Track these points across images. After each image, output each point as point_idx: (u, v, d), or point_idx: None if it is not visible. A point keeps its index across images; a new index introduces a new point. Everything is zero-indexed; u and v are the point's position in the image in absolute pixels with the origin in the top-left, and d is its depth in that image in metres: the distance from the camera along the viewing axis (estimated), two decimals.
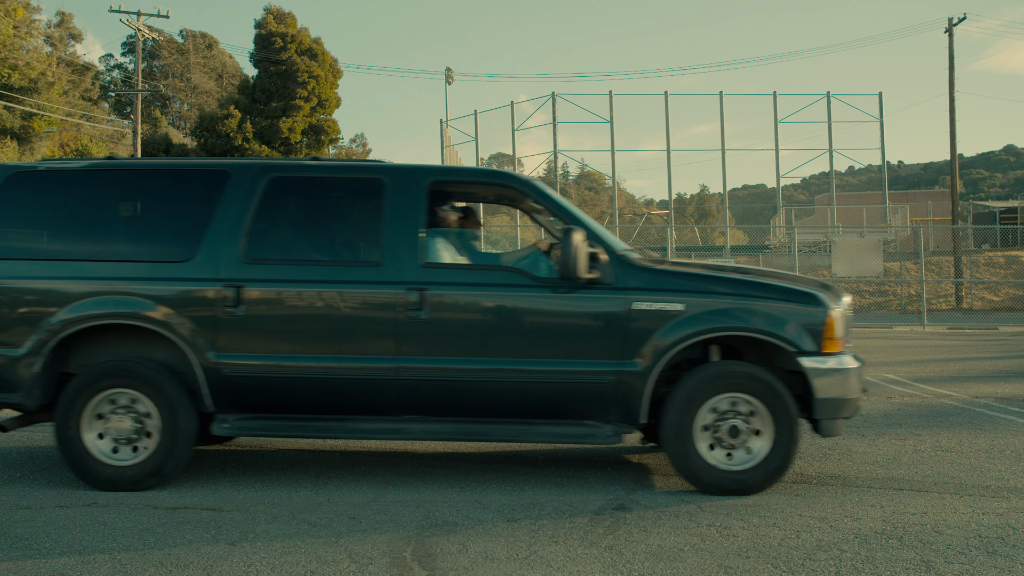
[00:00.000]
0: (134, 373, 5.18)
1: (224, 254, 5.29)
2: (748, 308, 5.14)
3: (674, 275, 5.31)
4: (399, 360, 5.18)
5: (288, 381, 5.25)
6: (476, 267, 5.76)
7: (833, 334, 5.14)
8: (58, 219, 5.56)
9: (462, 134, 42.46)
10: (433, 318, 5.17)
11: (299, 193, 5.57)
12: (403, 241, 5.28)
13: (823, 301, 5.20)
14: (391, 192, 5.39)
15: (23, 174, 5.58)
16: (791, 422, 5.05)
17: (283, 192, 5.48)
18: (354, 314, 5.25)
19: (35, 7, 41.15)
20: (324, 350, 5.24)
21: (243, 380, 5.25)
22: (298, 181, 5.56)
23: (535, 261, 5.54)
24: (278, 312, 5.28)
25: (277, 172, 5.51)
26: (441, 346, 5.19)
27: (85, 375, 5.20)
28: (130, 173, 5.72)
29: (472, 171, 7.04)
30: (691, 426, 5.09)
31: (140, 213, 5.63)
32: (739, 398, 5.11)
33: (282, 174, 5.51)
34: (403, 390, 5.21)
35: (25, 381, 5.24)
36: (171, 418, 5.17)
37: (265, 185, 5.43)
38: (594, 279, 5.13)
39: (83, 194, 5.58)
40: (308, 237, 5.61)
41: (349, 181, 5.66)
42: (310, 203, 5.62)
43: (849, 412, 5.21)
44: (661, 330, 5.10)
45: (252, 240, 5.34)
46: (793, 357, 5.11)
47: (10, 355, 5.26)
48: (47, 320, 5.24)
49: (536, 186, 5.62)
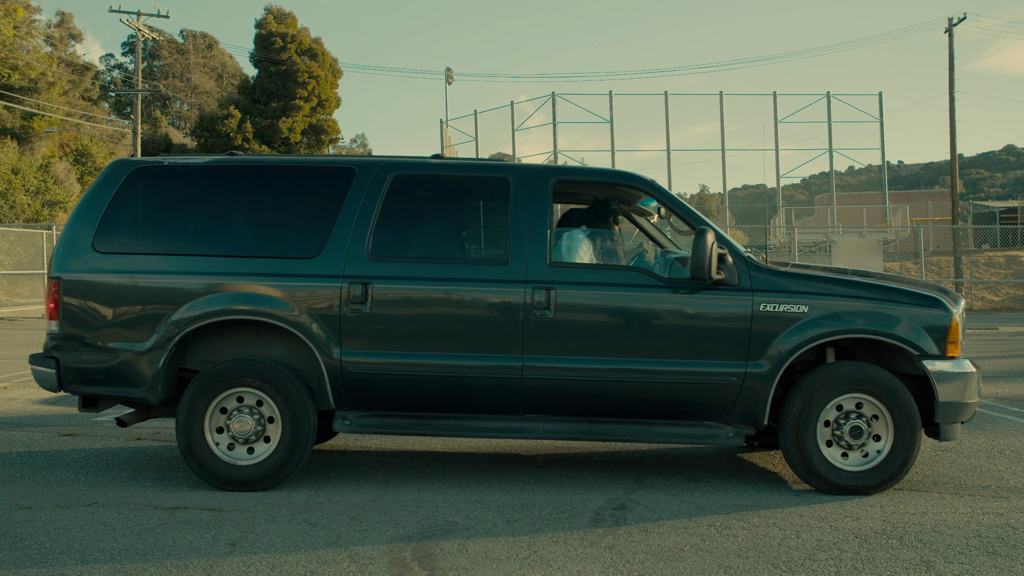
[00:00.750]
0: (263, 374, 5.16)
1: (351, 251, 5.29)
2: (872, 311, 5.16)
3: (797, 277, 5.31)
4: (524, 359, 5.19)
5: (412, 379, 5.25)
6: (602, 267, 5.75)
7: (956, 338, 5.17)
8: (181, 215, 5.54)
9: (462, 134, 42.52)
10: (559, 318, 5.18)
11: (424, 191, 5.60)
12: (530, 240, 5.29)
13: (945, 305, 5.22)
14: (516, 191, 5.41)
15: (146, 170, 5.57)
16: (913, 428, 5.08)
17: (408, 190, 5.50)
18: (480, 313, 5.24)
19: (35, 7, 41.17)
20: (449, 348, 5.23)
21: (368, 378, 5.25)
22: (423, 179, 5.58)
23: (660, 261, 5.59)
24: (404, 310, 5.27)
25: (402, 170, 5.51)
26: (566, 346, 5.19)
27: (212, 371, 5.19)
28: (253, 169, 5.69)
29: (595, 171, 6.98)
30: (815, 421, 5.13)
31: (264, 209, 5.57)
32: (864, 399, 5.14)
33: (407, 172, 5.52)
34: (526, 389, 5.22)
35: (148, 376, 5.24)
36: (295, 419, 5.17)
37: (391, 182, 5.44)
38: (719, 280, 5.15)
39: (206, 190, 5.56)
40: (433, 235, 5.63)
41: (474, 180, 5.69)
42: (435, 201, 5.66)
43: (968, 416, 5.23)
44: (786, 332, 5.12)
45: (378, 237, 5.34)
46: (916, 360, 5.14)
47: (135, 350, 5.26)
48: (171, 315, 5.23)
49: (661, 187, 5.63)
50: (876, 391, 5.10)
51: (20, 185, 32.50)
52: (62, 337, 5.33)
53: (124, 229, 5.44)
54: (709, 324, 5.18)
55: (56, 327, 5.34)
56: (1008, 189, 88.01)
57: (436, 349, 5.23)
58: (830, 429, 5.17)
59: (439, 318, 5.26)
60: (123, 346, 5.27)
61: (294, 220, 5.50)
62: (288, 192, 5.57)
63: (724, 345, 5.15)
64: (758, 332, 5.12)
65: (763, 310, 5.14)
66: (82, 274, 5.34)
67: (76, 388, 5.37)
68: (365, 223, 5.34)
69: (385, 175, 5.46)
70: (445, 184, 5.65)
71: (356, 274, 5.24)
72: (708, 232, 5.05)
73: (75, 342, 5.31)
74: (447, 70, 42.05)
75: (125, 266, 5.34)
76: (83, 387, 5.37)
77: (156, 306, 5.28)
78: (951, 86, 31.68)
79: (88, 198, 5.50)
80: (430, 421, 5.35)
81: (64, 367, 5.33)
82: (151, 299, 5.30)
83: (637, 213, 6.48)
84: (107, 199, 5.45)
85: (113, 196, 5.45)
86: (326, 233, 5.33)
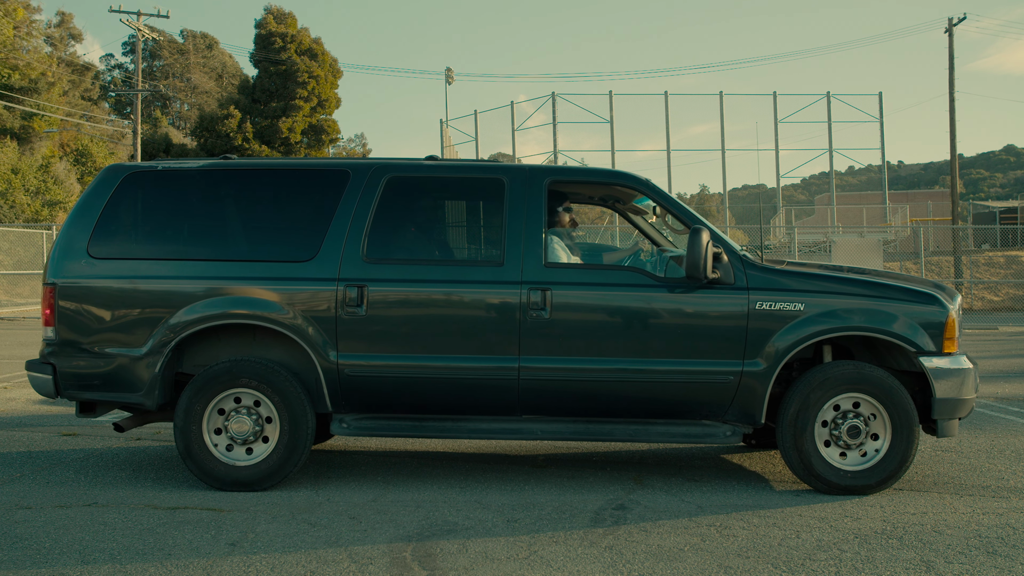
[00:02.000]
0: (260, 374, 5.17)
1: (346, 254, 5.28)
2: (868, 308, 5.16)
3: (793, 275, 5.31)
4: (520, 360, 5.19)
5: (408, 381, 5.25)
6: (597, 267, 5.74)
7: (953, 334, 5.17)
8: (176, 219, 5.53)
9: (462, 134, 42.51)
10: (555, 318, 5.17)
11: (419, 193, 5.59)
12: (525, 241, 5.28)
13: (942, 301, 5.22)
14: (511, 192, 5.41)
15: (140, 174, 5.56)
16: (911, 426, 5.08)
17: (403, 192, 5.49)
18: (476, 314, 5.24)
19: (35, 7, 41.16)
20: (445, 350, 5.23)
21: (364, 380, 5.25)
22: (418, 181, 5.57)
23: (654, 260, 5.57)
24: (400, 312, 5.26)
25: (397, 172, 5.50)
26: (563, 346, 5.19)
27: (209, 373, 5.20)
28: (248, 173, 5.68)
29: (589, 171, 6.99)
30: (813, 422, 5.13)
31: (259, 213, 5.57)
32: (862, 399, 5.14)
33: (402, 174, 5.51)
34: (523, 390, 5.22)
35: (145, 381, 5.24)
36: (293, 418, 5.18)
37: (385, 185, 5.43)
38: (715, 279, 5.15)
39: (200, 194, 5.56)
40: (429, 237, 5.64)
41: (469, 181, 5.69)
42: (430, 203, 5.67)
43: (965, 412, 5.23)
44: (783, 330, 5.12)
45: (373, 240, 5.33)
46: (914, 357, 5.14)
47: (131, 355, 5.26)
48: (167, 320, 5.23)
49: (656, 186, 5.62)
50: (873, 390, 5.10)
51: (20, 185, 32.49)
52: (58, 343, 5.32)
53: (119, 234, 5.44)
54: (705, 323, 5.18)
55: (52, 333, 5.34)
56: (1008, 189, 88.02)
57: (432, 351, 5.23)
58: (828, 429, 5.17)
59: (435, 320, 5.25)
60: (119, 351, 5.27)
61: (289, 223, 5.49)
62: (283, 195, 5.57)
63: (720, 344, 5.14)
64: (754, 330, 5.12)
65: (759, 308, 5.14)
66: (77, 280, 5.33)
67: (73, 394, 5.37)
68: (360, 226, 5.33)
69: (380, 177, 5.45)
70: (440, 186, 5.65)
71: (351, 277, 5.24)
72: (703, 231, 5.04)
73: (71, 348, 5.31)
74: (447, 70, 42.06)
75: (120, 271, 5.34)
76: (80, 393, 5.36)
77: (152, 311, 5.27)
78: (951, 86, 31.68)
79: (82, 203, 5.49)
80: (427, 423, 5.35)
81: (61, 373, 5.32)
82: (147, 304, 5.29)
83: (633, 212, 6.48)
84: (101, 204, 5.44)
85: (107, 201, 5.44)
86: (321, 236, 5.32)
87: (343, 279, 5.24)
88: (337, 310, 5.22)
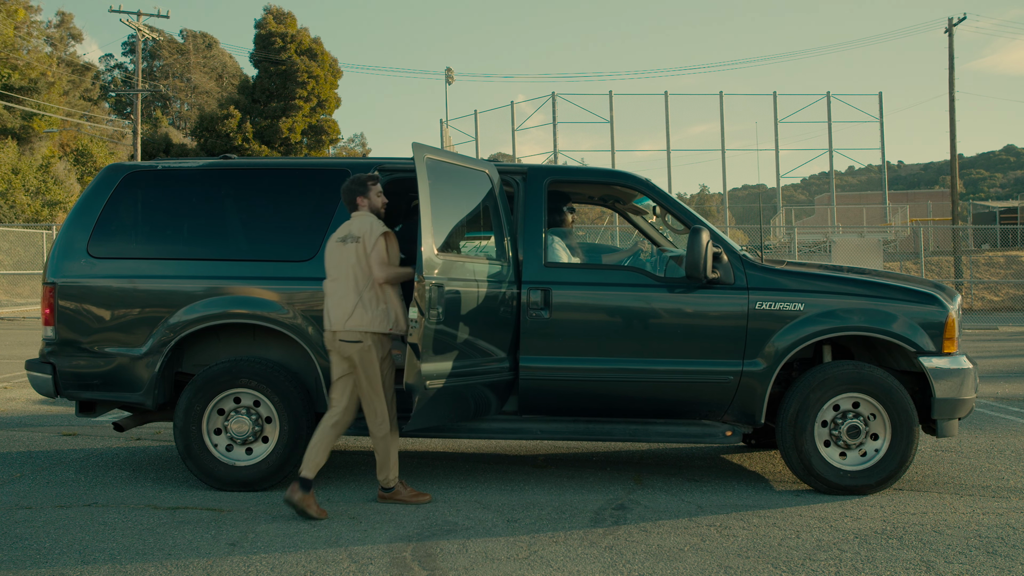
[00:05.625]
0: (260, 373, 5.17)
1: None
2: (868, 308, 5.16)
3: (793, 275, 5.31)
4: (520, 360, 5.18)
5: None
6: (597, 266, 5.75)
7: (952, 334, 5.17)
8: (176, 219, 5.52)
9: (462, 134, 42.50)
10: (555, 318, 5.17)
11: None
12: (526, 241, 5.28)
13: (941, 301, 5.22)
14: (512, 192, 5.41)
15: (140, 174, 5.56)
16: (911, 426, 5.08)
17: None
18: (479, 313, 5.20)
19: (35, 7, 41.16)
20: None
21: None
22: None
23: (654, 260, 5.57)
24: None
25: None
26: (563, 346, 5.18)
27: (209, 373, 5.18)
28: (247, 173, 5.68)
29: (590, 170, 6.97)
30: (813, 422, 5.12)
31: (258, 212, 5.55)
32: (861, 399, 5.14)
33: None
34: (523, 390, 5.21)
35: (145, 381, 5.24)
36: (293, 418, 5.18)
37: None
38: (715, 279, 5.14)
39: (200, 194, 5.56)
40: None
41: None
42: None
43: (965, 412, 5.23)
44: (783, 330, 5.12)
45: None
46: (913, 357, 5.14)
47: (131, 354, 5.26)
48: (167, 319, 5.23)
49: (656, 186, 5.62)
50: (873, 390, 5.10)
51: (20, 185, 32.48)
52: (58, 342, 5.32)
53: (119, 234, 5.43)
54: (705, 323, 5.18)
55: (52, 332, 5.34)
56: (1008, 189, 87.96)
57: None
58: (828, 429, 5.17)
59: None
60: (119, 351, 5.27)
61: (289, 223, 5.48)
62: (282, 195, 5.56)
63: (720, 344, 5.14)
64: (754, 330, 5.12)
65: (759, 308, 5.14)
66: (77, 279, 5.33)
67: (73, 393, 5.37)
68: None
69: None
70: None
71: None
72: (703, 231, 5.04)
73: (71, 347, 5.31)
74: (447, 70, 42.04)
75: (120, 271, 5.34)
76: (80, 392, 5.36)
77: (152, 310, 5.28)
78: (951, 86, 31.67)
79: (82, 203, 5.49)
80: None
81: (60, 372, 5.32)
82: (146, 303, 5.30)
83: (633, 212, 6.48)
84: (101, 204, 5.44)
85: (107, 201, 5.45)
86: (321, 236, 5.32)
87: None
88: None
